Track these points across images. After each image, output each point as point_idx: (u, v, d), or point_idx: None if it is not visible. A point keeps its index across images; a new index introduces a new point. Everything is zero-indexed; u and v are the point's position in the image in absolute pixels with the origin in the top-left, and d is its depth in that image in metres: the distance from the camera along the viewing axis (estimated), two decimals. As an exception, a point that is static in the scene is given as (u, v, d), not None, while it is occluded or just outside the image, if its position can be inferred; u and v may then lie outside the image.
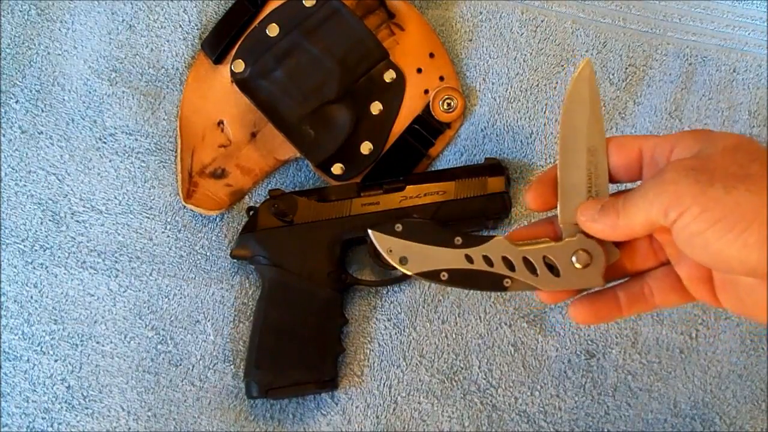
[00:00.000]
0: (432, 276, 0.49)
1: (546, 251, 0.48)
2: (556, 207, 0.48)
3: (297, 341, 0.65)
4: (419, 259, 0.49)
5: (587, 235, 0.47)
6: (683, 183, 0.40)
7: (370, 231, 0.49)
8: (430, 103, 0.70)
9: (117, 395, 0.67)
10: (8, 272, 0.69)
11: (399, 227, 0.49)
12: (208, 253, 0.70)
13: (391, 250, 0.49)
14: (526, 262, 0.48)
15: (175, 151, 0.71)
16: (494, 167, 0.68)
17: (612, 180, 0.47)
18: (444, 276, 0.48)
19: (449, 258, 0.48)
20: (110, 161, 0.71)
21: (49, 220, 0.70)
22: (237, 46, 0.69)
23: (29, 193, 0.71)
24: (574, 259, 0.47)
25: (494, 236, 0.48)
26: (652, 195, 0.41)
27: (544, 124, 0.71)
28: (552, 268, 0.47)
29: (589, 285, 0.48)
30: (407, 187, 0.68)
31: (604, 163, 0.47)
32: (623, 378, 0.67)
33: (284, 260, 0.67)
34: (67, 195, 0.71)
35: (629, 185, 0.47)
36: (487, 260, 0.48)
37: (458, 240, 0.48)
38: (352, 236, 0.67)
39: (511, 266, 0.48)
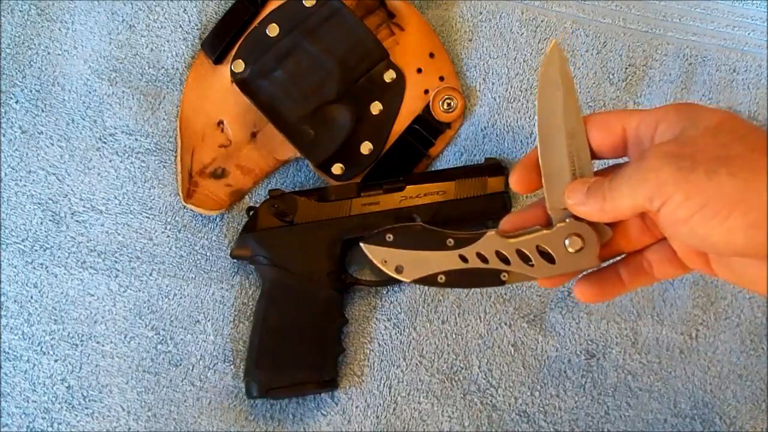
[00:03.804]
0: (429, 280, 0.48)
1: (538, 240, 0.47)
2: (541, 187, 0.47)
3: (297, 341, 0.65)
4: (415, 266, 0.48)
5: (577, 218, 0.46)
6: (665, 170, 0.39)
7: (362, 244, 0.49)
8: (430, 103, 0.70)
9: (117, 395, 0.67)
10: (8, 272, 0.69)
11: (390, 237, 0.49)
12: (208, 253, 0.70)
13: (385, 261, 0.49)
14: (520, 253, 0.47)
15: (175, 151, 0.71)
16: (494, 167, 0.68)
17: (597, 158, 0.47)
18: (441, 279, 0.48)
19: (444, 260, 0.48)
20: (110, 161, 0.71)
21: (49, 220, 0.70)
22: (237, 46, 0.69)
23: (29, 193, 0.71)
24: (567, 243, 0.47)
25: (485, 232, 0.48)
26: (635, 182, 0.41)
27: (544, 124, 0.71)
28: (546, 256, 0.47)
29: (585, 267, 0.47)
30: (407, 187, 0.68)
31: (585, 145, 0.46)
32: (623, 378, 0.67)
33: (284, 260, 0.67)
34: (67, 195, 0.71)
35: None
36: (482, 257, 0.48)
37: (450, 241, 0.48)
38: (352, 236, 0.67)
39: (505, 260, 0.47)
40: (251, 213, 0.68)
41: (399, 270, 0.49)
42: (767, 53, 0.72)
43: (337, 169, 0.69)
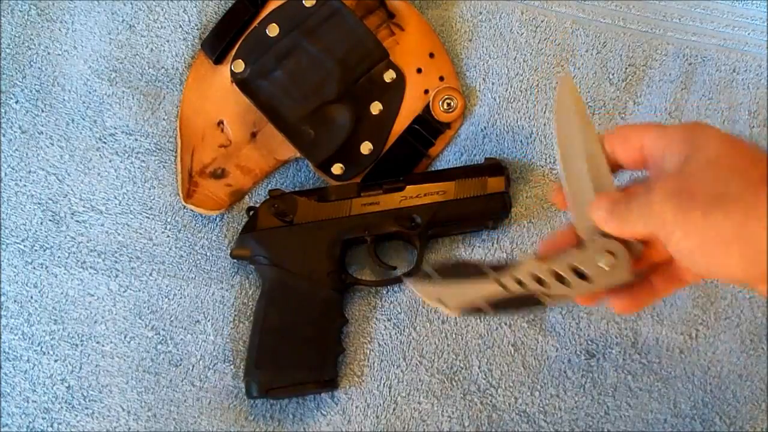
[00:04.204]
0: (474, 310, 0.50)
1: (572, 260, 0.49)
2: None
3: (297, 341, 0.65)
4: (458, 297, 0.50)
5: (607, 235, 0.48)
6: (666, 207, 0.42)
7: (407, 282, 0.51)
8: (430, 103, 0.70)
9: (117, 395, 0.67)
10: (8, 272, 0.69)
11: (432, 272, 0.51)
12: (208, 253, 0.70)
13: (430, 295, 0.50)
14: (556, 275, 0.49)
15: (175, 151, 0.71)
16: (494, 167, 0.68)
17: (623, 169, 0.49)
18: (485, 307, 0.50)
19: (485, 289, 0.50)
20: (110, 161, 0.71)
21: (49, 220, 0.70)
22: (237, 46, 0.69)
23: (29, 193, 0.71)
24: (599, 260, 0.48)
25: (521, 259, 0.50)
26: (645, 213, 0.43)
27: (544, 124, 0.71)
28: (581, 275, 0.49)
29: (619, 282, 0.49)
30: (407, 187, 0.68)
31: (605, 164, 0.49)
32: (623, 378, 0.67)
33: (284, 260, 0.66)
34: (67, 195, 0.71)
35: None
36: (520, 283, 0.49)
37: (489, 271, 0.50)
38: (352, 236, 0.67)
39: (543, 283, 0.49)
40: (251, 213, 0.68)
41: (444, 303, 0.50)
42: (767, 53, 0.72)
43: (337, 169, 0.69)
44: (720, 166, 0.42)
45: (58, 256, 0.70)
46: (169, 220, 0.71)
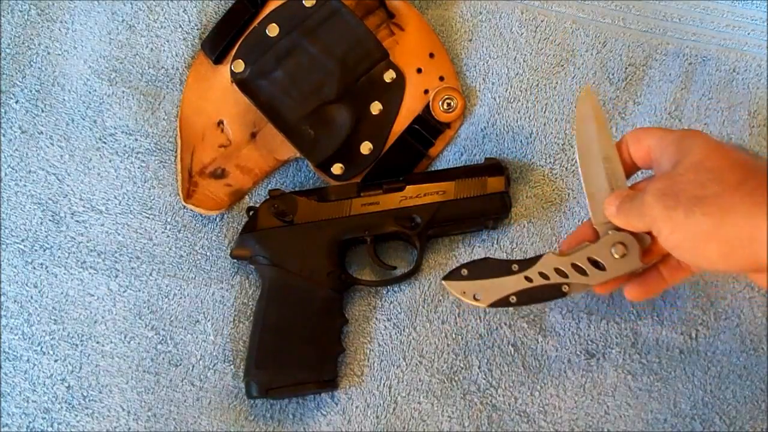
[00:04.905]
0: (503, 302, 0.57)
1: (588, 252, 0.56)
2: None
3: (297, 341, 0.65)
4: (489, 292, 0.57)
5: (619, 229, 0.54)
6: (656, 207, 0.48)
7: (443, 281, 0.58)
8: (430, 103, 0.70)
9: (117, 395, 0.67)
10: (8, 272, 0.70)
11: (465, 272, 0.57)
12: (208, 253, 0.70)
13: (464, 292, 0.57)
14: (575, 266, 0.56)
15: (175, 151, 0.71)
16: (494, 167, 0.68)
17: (639, 168, 0.56)
18: (513, 299, 0.57)
19: (513, 283, 0.57)
20: (110, 161, 0.71)
21: (49, 220, 0.70)
22: (237, 46, 0.69)
23: (29, 193, 0.71)
24: (613, 251, 0.55)
25: (543, 254, 0.56)
26: (642, 212, 0.50)
27: (544, 124, 0.71)
28: (597, 265, 0.55)
29: (631, 269, 0.55)
30: (407, 187, 0.68)
31: (619, 165, 0.55)
32: (623, 378, 0.67)
33: (284, 260, 0.66)
34: (67, 195, 0.71)
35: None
36: (543, 275, 0.56)
37: (515, 266, 0.57)
38: (352, 236, 0.67)
39: (564, 274, 0.56)
40: (251, 213, 0.68)
41: (476, 298, 0.57)
42: (767, 53, 0.72)
43: (337, 169, 0.69)
44: (701, 169, 0.47)
45: (58, 256, 0.70)
46: (169, 220, 0.71)
